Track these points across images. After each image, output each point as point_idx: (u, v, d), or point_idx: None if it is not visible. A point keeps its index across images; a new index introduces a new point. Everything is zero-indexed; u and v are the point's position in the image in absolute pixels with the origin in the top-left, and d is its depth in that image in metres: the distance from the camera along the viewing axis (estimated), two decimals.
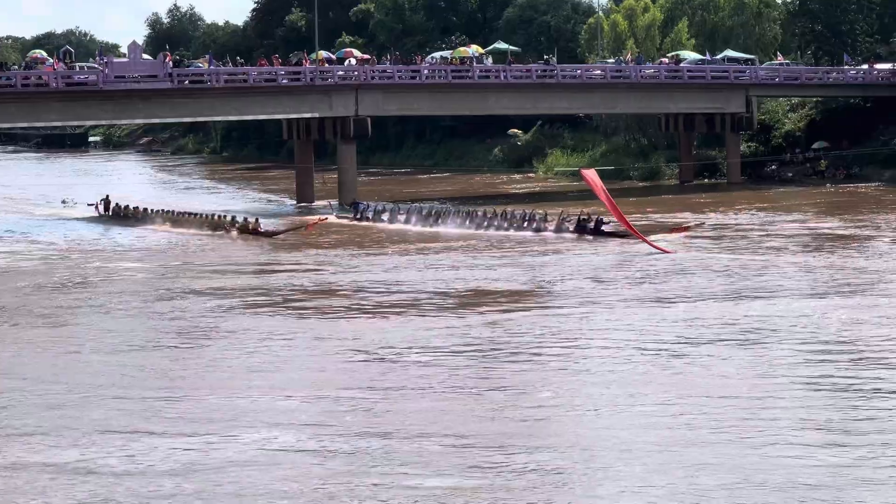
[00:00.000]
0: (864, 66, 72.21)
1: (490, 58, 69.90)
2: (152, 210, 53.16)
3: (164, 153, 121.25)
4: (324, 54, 65.88)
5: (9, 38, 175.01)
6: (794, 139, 72.01)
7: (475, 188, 70.78)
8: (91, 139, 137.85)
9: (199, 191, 75.90)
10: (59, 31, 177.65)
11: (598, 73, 67.03)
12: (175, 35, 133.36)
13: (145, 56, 58.70)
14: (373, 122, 60.82)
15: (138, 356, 25.55)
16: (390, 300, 31.93)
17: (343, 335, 27.32)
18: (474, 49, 69.70)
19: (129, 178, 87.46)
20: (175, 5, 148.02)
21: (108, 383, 23.00)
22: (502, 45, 77.93)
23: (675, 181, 69.80)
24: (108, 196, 56.39)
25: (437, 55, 70.28)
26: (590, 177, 43.67)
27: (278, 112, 60.39)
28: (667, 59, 71.44)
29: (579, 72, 67.27)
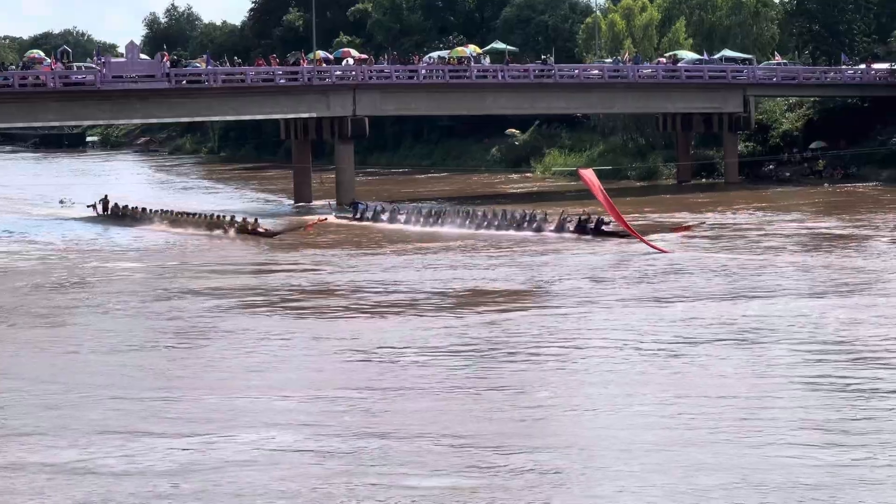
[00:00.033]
0: (862, 66, 72.18)
1: (487, 57, 69.78)
2: (151, 210, 53.17)
3: (161, 153, 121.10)
4: (321, 54, 65.95)
5: (6, 38, 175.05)
6: (792, 139, 71.98)
7: (473, 188, 70.72)
8: (89, 139, 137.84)
9: (197, 191, 75.86)
10: (56, 31, 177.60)
11: (596, 72, 67.02)
12: (172, 35, 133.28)
13: (143, 56, 58.57)
14: (370, 121, 60.79)
15: (136, 356, 25.54)
16: (389, 300, 31.92)
17: (341, 335, 27.30)
18: (472, 49, 69.67)
19: (127, 178, 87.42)
20: (173, 5, 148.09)
21: (106, 383, 22.97)
22: (500, 44, 77.75)
23: (673, 181, 69.75)
24: (106, 196, 56.37)
25: (435, 55, 70.21)
26: (587, 177, 43.70)
27: (276, 112, 60.37)
28: (664, 59, 71.35)
29: (577, 72, 67.17)
